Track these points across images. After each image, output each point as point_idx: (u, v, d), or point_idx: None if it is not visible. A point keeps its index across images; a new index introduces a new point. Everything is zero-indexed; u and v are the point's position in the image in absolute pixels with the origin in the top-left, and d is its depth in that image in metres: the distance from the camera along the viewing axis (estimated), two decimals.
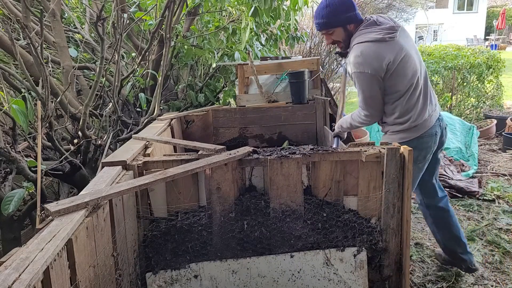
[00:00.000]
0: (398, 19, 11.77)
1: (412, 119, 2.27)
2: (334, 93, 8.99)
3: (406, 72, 2.19)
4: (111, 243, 1.50)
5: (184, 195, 1.88)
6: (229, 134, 3.47)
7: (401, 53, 2.15)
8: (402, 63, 2.16)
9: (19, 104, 1.92)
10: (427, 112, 2.31)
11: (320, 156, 1.84)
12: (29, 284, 0.93)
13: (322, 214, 1.86)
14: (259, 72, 3.59)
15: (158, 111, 3.06)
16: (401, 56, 2.15)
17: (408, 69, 2.19)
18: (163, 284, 1.82)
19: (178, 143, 2.39)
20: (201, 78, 4.35)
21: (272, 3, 3.56)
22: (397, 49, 2.15)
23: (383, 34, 2.14)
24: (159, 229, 1.82)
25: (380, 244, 1.89)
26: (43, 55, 2.28)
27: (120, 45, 2.76)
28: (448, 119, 5.62)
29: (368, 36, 2.16)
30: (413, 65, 2.22)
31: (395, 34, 2.16)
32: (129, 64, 3.88)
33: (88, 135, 2.60)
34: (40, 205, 1.78)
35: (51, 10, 2.74)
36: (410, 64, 2.20)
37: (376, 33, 2.15)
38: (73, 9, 4.45)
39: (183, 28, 3.86)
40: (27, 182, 2.26)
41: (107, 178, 1.62)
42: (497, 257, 2.92)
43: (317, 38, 8.58)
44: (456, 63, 7.22)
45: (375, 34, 2.16)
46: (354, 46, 2.20)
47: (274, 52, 4.95)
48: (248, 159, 1.83)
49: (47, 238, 1.13)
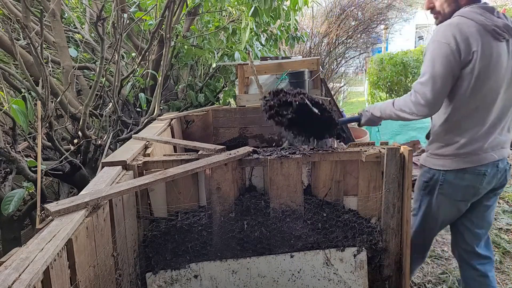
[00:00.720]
0: (398, 19, 11.76)
1: (462, 143, 1.81)
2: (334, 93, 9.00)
3: (484, 83, 1.73)
4: (111, 243, 1.50)
5: (184, 195, 1.88)
6: (229, 134, 3.47)
7: (493, 59, 1.71)
8: (486, 69, 1.71)
9: (19, 104, 1.92)
10: (487, 143, 1.80)
11: (320, 156, 1.84)
12: (29, 284, 0.93)
13: (322, 214, 1.86)
14: (259, 72, 3.58)
15: (158, 111, 3.06)
16: (491, 61, 1.70)
17: (487, 82, 1.73)
18: (163, 284, 1.82)
19: (178, 143, 2.39)
20: (201, 78, 4.35)
21: (272, 3, 3.56)
22: (494, 51, 1.70)
23: (493, 26, 1.70)
24: (159, 229, 1.82)
25: (380, 244, 1.89)
26: (43, 55, 2.27)
27: (120, 45, 2.76)
28: None
29: (477, 17, 1.72)
30: (496, 84, 1.75)
31: (506, 36, 1.72)
32: (129, 64, 3.88)
33: (88, 135, 2.59)
34: (40, 205, 1.77)
35: (51, 10, 2.74)
36: (494, 79, 1.73)
37: (487, 20, 1.71)
38: (73, 9, 4.45)
39: (183, 28, 3.86)
40: (27, 182, 2.26)
41: (107, 178, 1.62)
42: (497, 257, 2.92)
43: (317, 38, 8.58)
44: None
45: (485, 19, 1.71)
46: (456, 16, 1.76)
47: (274, 52, 4.96)
48: (248, 159, 1.83)
49: (47, 238, 1.13)
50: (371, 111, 2.03)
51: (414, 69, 7.59)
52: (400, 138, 5.41)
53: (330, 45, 8.69)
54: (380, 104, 2.00)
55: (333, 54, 8.99)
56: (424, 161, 1.97)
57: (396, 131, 5.58)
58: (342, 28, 8.70)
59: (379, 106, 1.99)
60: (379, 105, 2.00)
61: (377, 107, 2.00)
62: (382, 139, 5.41)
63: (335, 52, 9.08)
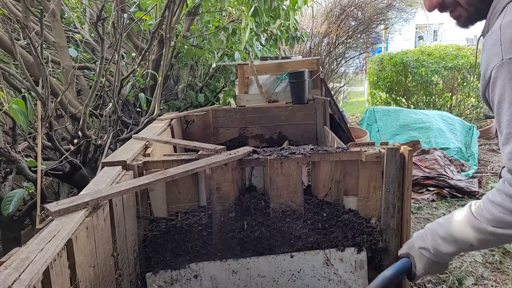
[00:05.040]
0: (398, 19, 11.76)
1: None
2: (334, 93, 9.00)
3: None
4: (111, 243, 1.50)
5: (184, 195, 1.88)
6: (229, 134, 3.47)
7: None
8: None
9: (19, 104, 1.92)
10: None
11: (320, 156, 1.84)
12: (29, 284, 0.93)
13: (322, 214, 1.86)
14: (259, 72, 3.58)
15: (158, 111, 3.06)
16: None
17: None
18: (163, 284, 1.82)
19: (178, 143, 2.39)
20: (201, 78, 4.35)
21: (272, 3, 3.56)
22: None
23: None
24: (159, 229, 1.82)
25: (380, 244, 1.88)
26: (43, 55, 2.27)
27: (120, 45, 2.76)
28: (448, 119, 5.63)
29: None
30: None
31: None
32: (129, 64, 3.88)
33: (88, 135, 2.59)
34: (40, 205, 1.77)
35: (51, 10, 2.74)
36: None
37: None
38: (73, 9, 4.45)
39: (183, 28, 3.86)
40: (27, 182, 2.26)
41: (107, 178, 1.62)
42: (497, 257, 2.92)
43: (317, 38, 8.58)
44: (456, 63, 7.22)
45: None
46: (511, 4, 1.02)
47: (274, 52, 4.96)
48: (248, 159, 1.83)
49: (47, 238, 1.13)
50: (433, 247, 1.10)
51: (414, 69, 7.59)
52: (400, 138, 5.42)
53: (330, 45, 8.69)
54: (442, 225, 1.10)
55: (333, 54, 8.99)
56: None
57: (396, 131, 5.58)
58: (342, 28, 8.70)
59: (444, 232, 1.08)
60: (441, 230, 1.09)
61: (439, 234, 1.10)
62: (382, 139, 5.43)
63: (335, 52, 9.09)
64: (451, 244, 1.05)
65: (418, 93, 7.86)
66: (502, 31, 0.98)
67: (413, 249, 1.14)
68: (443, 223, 1.09)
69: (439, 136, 5.26)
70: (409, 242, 1.17)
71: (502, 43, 0.96)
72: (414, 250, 1.14)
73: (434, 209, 3.89)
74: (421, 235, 1.14)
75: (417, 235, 1.16)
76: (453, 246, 1.05)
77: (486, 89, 1.03)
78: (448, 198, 4.12)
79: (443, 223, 1.09)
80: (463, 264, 2.86)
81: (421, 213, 3.81)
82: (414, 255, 1.14)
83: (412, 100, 8.00)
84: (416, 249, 1.13)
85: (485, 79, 1.01)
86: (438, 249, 1.08)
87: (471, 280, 2.68)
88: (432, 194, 4.18)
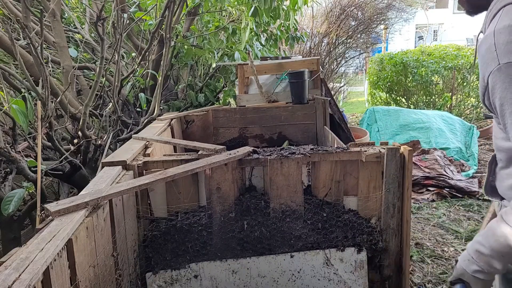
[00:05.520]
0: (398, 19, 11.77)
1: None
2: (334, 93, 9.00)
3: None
4: (111, 243, 1.50)
5: (184, 195, 1.88)
6: (229, 134, 3.47)
7: None
8: None
9: (19, 104, 1.92)
10: None
11: (320, 156, 1.84)
12: (29, 284, 0.93)
13: (322, 214, 1.86)
14: (259, 72, 3.58)
15: (158, 111, 3.06)
16: None
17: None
18: (163, 284, 1.82)
19: (178, 143, 2.39)
20: (201, 78, 4.35)
21: (272, 3, 3.56)
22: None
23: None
24: (159, 229, 1.82)
25: (380, 244, 1.88)
26: (43, 55, 2.27)
27: (120, 45, 2.76)
28: (448, 119, 5.63)
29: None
30: None
31: None
32: (129, 64, 3.88)
33: (88, 135, 2.59)
34: (40, 205, 1.78)
35: (51, 10, 2.74)
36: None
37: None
38: (73, 9, 4.44)
39: (183, 28, 3.86)
40: (27, 182, 2.26)
41: (107, 178, 1.62)
42: None
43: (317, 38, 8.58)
44: (456, 63, 7.22)
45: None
46: (506, 8, 1.03)
47: (274, 52, 4.95)
48: (248, 159, 1.83)
49: (47, 238, 1.13)
50: (486, 268, 1.07)
51: (414, 69, 7.59)
52: (400, 138, 5.42)
53: (330, 45, 8.69)
54: (482, 243, 1.07)
55: (333, 54, 8.99)
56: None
57: (396, 131, 5.58)
58: (342, 28, 8.70)
59: (488, 250, 1.05)
60: (484, 248, 1.06)
61: (485, 252, 1.06)
62: (382, 139, 5.43)
63: (335, 52, 9.09)
64: (499, 260, 1.03)
65: (418, 93, 7.87)
66: (496, 36, 1.00)
67: (465, 275, 1.11)
68: (483, 241, 1.06)
69: (439, 136, 5.26)
70: (458, 269, 1.14)
71: (496, 48, 0.99)
72: (467, 275, 1.11)
73: (434, 209, 3.89)
74: (467, 258, 1.10)
75: (462, 259, 1.13)
76: (502, 261, 1.04)
77: (485, 92, 1.07)
78: (448, 198, 4.12)
79: (483, 241, 1.06)
80: None
81: (421, 213, 3.81)
82: (469, 281, 1.11)
83: (412, 100, 8.01)
84: (470, 274, 1.10)
85: (484, 83, 1.05)
86: (490, 269, 1.06)
87: None
88: (432, 194, 4.18)
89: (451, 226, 3.45)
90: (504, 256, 1.02)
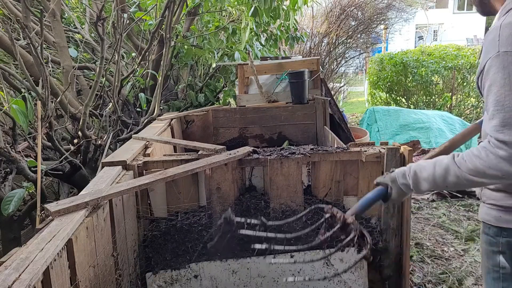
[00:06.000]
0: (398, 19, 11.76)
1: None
2: (334, 93, 9.00)
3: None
4: (111, 243, 1.50)
5: (184, 195, 1.88)
6: (229, 134, 3.47)
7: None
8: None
9: (19, 104, 1.92)
10: None
11: (320, 156, 1.84)
12: (29, 284, 0.93)
13: (322, 214, 1.86)
14: (259, 72, 3.58)
15: (158, 111, 3.06)
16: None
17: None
18: (163, 284, 1.82)
19: (178, 143, 2.39)
20: (201, 78, 4.35)
21: (272, 3, 3.56)
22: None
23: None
24: (159, 229, 1.82)
25: (380, 244, 1.88)
26: (43, 55, 2.27)
27: (120, 45, 2.76)
28: (448, 119, 5.63)
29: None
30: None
31: None
32: (129, 64, 3.88)
33: (88, 135, 2.59)
34: (40, 205, 1.78)
35: (51, 10, 2.74)
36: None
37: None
38: (73, 9, 4.45)
39: (183, 28, 3.86)
40: (27, 182, 2.26)
41: (107, 178, 1.62)
42: None
43: (317, 38, 8.58)
44: (456, 63, 7.22)
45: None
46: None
47: (274, 52, 4.95)
48: (248, 159, 1.83)
49: (47, 238, 1.13)
50: (413, 184, 1.30)
51: (414, 69, 7.59)
52: (400, 138, 5.42)
53: (330, 45, 8.68)
54: (426, 169, 1.27)
55: (333, 54, 8.99)
56: (482, 212, 1.37)
57: (396, 131, 5.58)
58: (342, 28, 8.70)
59: (427, 174, 1.26)
60: (425, 172, 1.27)
61: (422, 175, 1.28)
62: (382, 139, 5.43)
63: (335, 52, 9.08)
64: (429, 184, 1.26)
65: (418, 93, 7.87)
66: (501, 30, 1.14)
67: (395, 182, 1.35)
68: (427, 166, 1.27)
69: (439, 136, 5.25)
70: (392, 176, 1.37)
71: (499, 39, 1.13)
72: (395, 183, 1.35)
73: (434, 209, 3.88)
74: (404, 173, 1.33)
75: (400, 171, 1.35)
76: (431, 185, 1.27)
77: (480, 75, 1.20)
78: (448, 198, 4.12)
79: (427, 166, 1.27)
80: (463, 264, 2.86)
81: (421, 213, 3.81)
82: (394, 187, 1.36)
83: (412, 100, 8.01)
84: (398, 183, 1.34)
85: (481, 67, 1.19)
86: (417, 186, 1.29)
87: (471, 280, 2.68)
88: (432, 194, 4.18)
89: (451, 226, 3.45)
90: (435, 182, 1.24)
